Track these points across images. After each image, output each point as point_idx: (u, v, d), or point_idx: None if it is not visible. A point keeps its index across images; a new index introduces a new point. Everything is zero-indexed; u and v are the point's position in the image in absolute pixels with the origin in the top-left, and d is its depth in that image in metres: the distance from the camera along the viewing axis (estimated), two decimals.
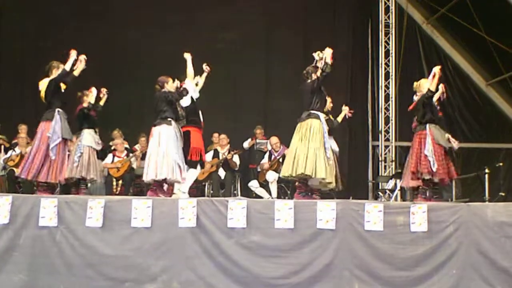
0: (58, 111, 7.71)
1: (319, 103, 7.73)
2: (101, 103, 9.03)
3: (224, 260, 6.93)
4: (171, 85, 8.02)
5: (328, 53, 7.57)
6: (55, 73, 7.76)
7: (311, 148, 7.47)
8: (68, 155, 8.20)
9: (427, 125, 7.71)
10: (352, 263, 6.96)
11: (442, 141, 7.70)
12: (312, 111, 7.66)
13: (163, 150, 7.63)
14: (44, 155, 7.60)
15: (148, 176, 7.69)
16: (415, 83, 8.17)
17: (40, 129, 7.72)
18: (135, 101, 12.22)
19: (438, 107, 8.01)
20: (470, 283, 6.93)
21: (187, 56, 8.49)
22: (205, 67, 8.87)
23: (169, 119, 7.78)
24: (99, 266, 6.88)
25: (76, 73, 7.77)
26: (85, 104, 8.64)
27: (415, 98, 8.08)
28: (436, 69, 7.75)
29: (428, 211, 7.02)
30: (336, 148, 8.39)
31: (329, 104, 8.89)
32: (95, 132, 8.81)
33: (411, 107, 8.12)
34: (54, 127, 7.59)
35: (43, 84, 7.79)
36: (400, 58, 13.05)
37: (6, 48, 12.61)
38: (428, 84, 7.78)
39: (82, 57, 7.78)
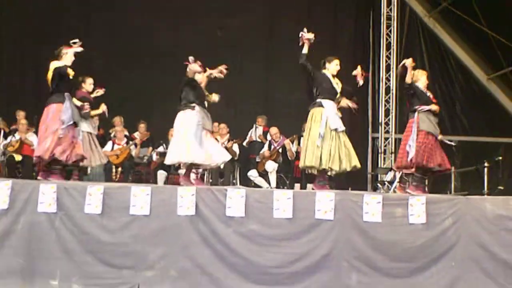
0: (67, 95, 7.56)
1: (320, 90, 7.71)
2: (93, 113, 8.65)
3: (222, 248, 6.92)
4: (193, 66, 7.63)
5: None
6: (64, 59, 7.52)
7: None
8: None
9: (416, 113, 7.71)
10: (350, 254, 6.93)
11: (431, 128, 7.65)
12: (317, 99, 7.68)
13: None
14: (58, 135, 7.38)
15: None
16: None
17: (50, 110, 7.46)
18: (135, 88, 12.17)
19: (431, 95, 7.93)
20: (469, 275, 6.90)
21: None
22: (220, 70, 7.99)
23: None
24: (97, 253, 6.87)
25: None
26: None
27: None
28: (408, 62, 7.76)
29: (426, 203, 6.98)
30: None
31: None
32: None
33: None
34: (67, 109, 7.42)
35: (52, 66, 7.53)
36: (401, 51, 13.03)
37: (6, 33, 12.53)
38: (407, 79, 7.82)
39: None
